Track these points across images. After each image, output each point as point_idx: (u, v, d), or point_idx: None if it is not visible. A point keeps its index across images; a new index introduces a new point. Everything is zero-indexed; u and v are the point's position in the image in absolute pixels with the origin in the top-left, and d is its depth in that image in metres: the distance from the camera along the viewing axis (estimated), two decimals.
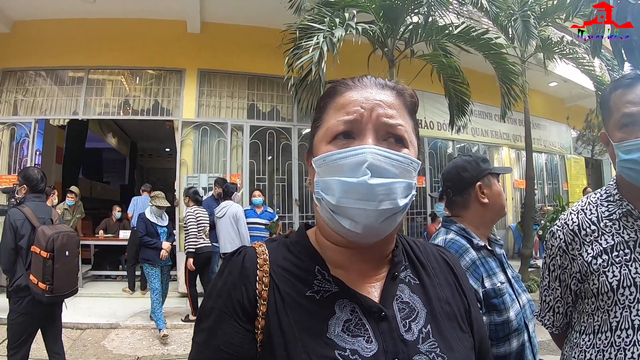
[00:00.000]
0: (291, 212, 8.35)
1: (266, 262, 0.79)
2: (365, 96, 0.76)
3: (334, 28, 5.78)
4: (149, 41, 7.94)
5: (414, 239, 0.96)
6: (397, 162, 0.72)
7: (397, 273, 0.83)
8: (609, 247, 1.30)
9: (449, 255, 0.97)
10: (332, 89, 0.82)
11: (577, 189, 12.94)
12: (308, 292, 0.77)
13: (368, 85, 0.79)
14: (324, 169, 0.75)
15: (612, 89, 1.35)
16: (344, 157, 0.72)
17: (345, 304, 0.76)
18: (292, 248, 0.84)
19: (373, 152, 0.70)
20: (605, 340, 1.27)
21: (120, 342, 5.27)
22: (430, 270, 0.89)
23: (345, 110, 0.76)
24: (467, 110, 7.63)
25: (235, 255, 0.83)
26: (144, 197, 7.99)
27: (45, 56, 7.80)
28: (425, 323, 0.79)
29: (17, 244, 3.28)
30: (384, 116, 0.75)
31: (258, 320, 0.74)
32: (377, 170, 0.70)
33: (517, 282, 1.67)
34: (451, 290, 0.88)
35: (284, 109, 8.56)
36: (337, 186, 0.71)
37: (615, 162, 1.33)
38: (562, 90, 12.47)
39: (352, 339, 0.73)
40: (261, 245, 0.84)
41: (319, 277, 0.79)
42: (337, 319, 0.74)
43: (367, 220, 0.70)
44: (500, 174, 1.81)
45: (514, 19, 8.07)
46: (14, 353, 3.28)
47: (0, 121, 7.65)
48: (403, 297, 0.81)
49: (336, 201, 0.71)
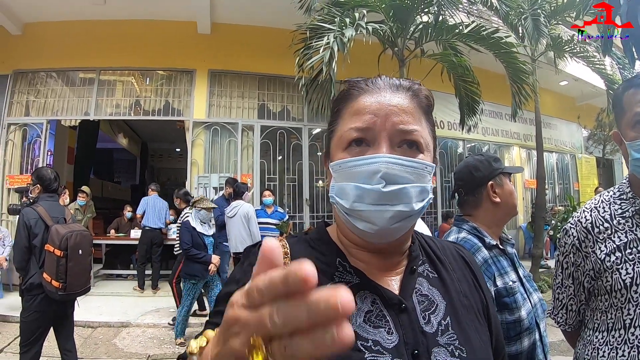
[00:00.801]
0: (302, 212, 8.37)
1: (287, 255, 0.80)
2: (379, 101, 0.76)
3: (344, 28, 5.78)
4: (160, 42, 8.00)
5: (431, 236, 0.97)
6: (411, 168, 0.73)
7: (415, 267, 0.83)
8: (622, 245, 1.30)
9: (465, 252, 0.98)
10: (346, 93, 0.82)
11: (588, 188, 12.84)
12: (329, 283, 0.74)
13: (382, 87, 0.79)
14: (339, 174, 0.76)
15: (624, 87, 1.35)
16: (358, 165, 0.73)
17: (367, 295, 0.77)
18: (312, 244, 0.85)
19: (387, 161, 0.71)
20: (619, 337, 1.27)
21: (132, 341, 5.30)
22: (448, 265, 0.90)
23: (359, 118, 0.76)
24: (478, 110, 7.60)
25: (255, 247, 0.83)
26: (154, 197, 7.96)
27: (56, 57, 7.89)
28: (444, 315, 0.79)
29: (31, 242, 3.31)
30: (398, 123, 0.74)
31: None
32: (391, 179, 0.71)
33: (529, 282, 1.67)
34: (469, 285, 0.89)
35: (294, 109, 8.58)
36: (352, 191, 0.72)
37: (628, 161, 1.33)
38: (573, 89, 12.38)
39: (374, 329, 0.73)
40: (281, 240, 0.84)
41: (340, 269, 0.79)
42: (358, 310, 0.75)
43: (381, 223, 0.71)
44: (512, 174, 1.80)
45: (524, 18, 8.02)
46: (26, 350, 3.31)
47: (12, 122, 7.73)
48: (422, 290, 0.81)
49: (350, 205, 0.73)
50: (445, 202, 9.82)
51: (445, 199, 9.82)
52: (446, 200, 9.83)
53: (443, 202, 9.80)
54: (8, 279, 7.03)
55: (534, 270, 7.96)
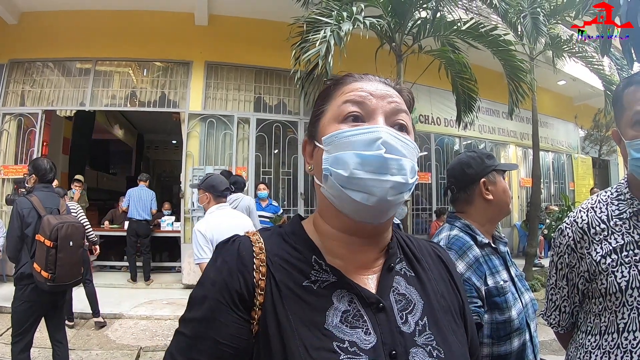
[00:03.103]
0: (296, 206, 8.35)
1: (262, 250, 0.78)
2: (373, 86, 0.80)
3: (342, 22, 5.75)
4: (157, 33, 7.96)
5: (408, 234, 0.96)
6: (405, 144, 0.75)
7: (392, 264, 0.82)
8: (618, 247, 1.27)
9: (442, 252, 0.97)
10: (338, 80, 0.85)
11: (584, 188, 12.87)
12: (305, 282, 0.75)
13: (373, 79, 0.83)
14: (334, 145, 0.75)
15: (625, 85, 1.32)
16: (357, 134, 0.73)
17: (344, 294, 0.75)
18: (287, 238, 0.83)
19: (386, 130, 0.73)
20: (612, 342, 1.25)
21: (124, 332, 5.30)
22: (425, 264, 0.89)
23: (355, 94, 0.78)
24: (475, 107, 7.60)
25: (228, 244, 0.81)
26: (140, 187, 7.80)
27: (52, 47, 7.84)
28: (421, 315, 0.79)
29: (23, 232, 3.31)
30: (392, 103, 0.78)
31: (255, 311, 0.73)
32: (390, 148, 0.72)
33: (521, 281, 1.66)
34: (445, 285, 0.89)
35: (290, 103, 8.55)
36: (352, 158, 0.71)
37: (627, 160, 1.30)
38: (570, 89, 12.36)
39: (351, 330, 0.72)
40: (255, 234, 0.82)
41: (316, 267, 0.78)
42: (335, 310, 0.73)
43: (380, 193, 0.70)
44: (506, 171, 1.78)
45: (523, 16, 8.02)
46: (18, 340, 3.31)
47: (8, 112, 7.70)
48: (399, 289, 0.81)
49: (350, 173, 0.71)
50: (440, 199, 9.81)
51: (440, 196, 9.80)
52: (441, 197, 9.81)
53: (438, 199, 9.80)
54: (2, 269, 7.01)
55: (527, 269, 7.99)
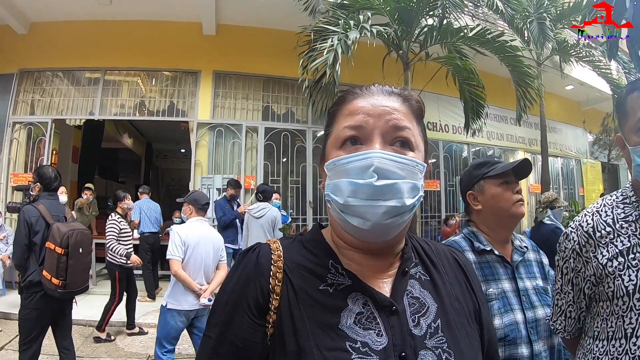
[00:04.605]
0: (305, 214, 8.35)
1: (280, 258, 0.82)
2: (371, 103, 0.80)
3: (349, 30, 5.78)
4: (165, 43, 8.02)
5: (425, 239, 0.98)
6: (402, 164, 0.74)
7: (407, 269, 0.84)
8: (624, 250, 1.25)
9: (459, 255, 0.98)
10: (341, 98, 0.86)
11: (593, 194, 12.74)
12: (322, 285, 0.79)
13: (375, 92, 0.82)
14: (333, 172, 0.78)
15: (629, 91, 1.30)
16: (351, 161, 0.75)
17: (358, 297, 0.78)
18: (306, 244, 0.86)
19: (379, 156, 0.73)
20: (620, 347, 1.22)
21: (132, 340, 5.32)
22: (441, 268, 0.90)
23: (353, 117, 0.79)
24: (483, 114, 7.57)
25: (250, 252, 0.85)
26: (145, 200, 7.60)
27: (62, 57, 7.93)
28: (435, 318, 0.80)
29: (31, 240, 3.33)
30: (390, 120, 0.78)
31: (270, 315, 0.76)
32: (383, 173, 0.72)
33: (539, 295, 1.63)
34: (461, 289, 0.90)
35: (298, 111, 8.57)
36: (345, 187, 0.74)
37: (631, 166, 1.28)
38: (578, 94, 12.28)
39: (364, 331, 0.74)
40: (275, 242, 0.86)
41: (333, 270, 0.81)
42: (349, 312, 0.76)
43: (374, 218, 0.72)
44: (504, 174, 1.71)
45: (530, 21, 8.02)
46: (25, 349, 3.32)
47: (18, 120, 7.78)
48: (413, 293, 0.83)
49: (344, 200, 0.74)
50: (449, 206, 9.77)
51: (449, 203, 9.77)
52: (450, 204, 9.78)
53: (447, 206, 9.76)
54: (10, 277, 7.08)
55: None
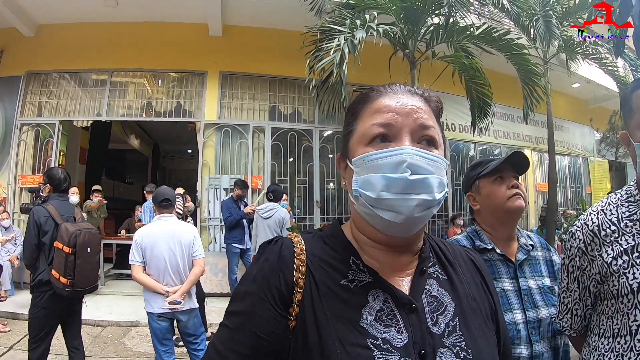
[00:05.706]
0: (312, 214, 8.35)
1: (303, 251, 0.82)
2: (398, 101, 0.81)
3: (355, 30, 5.77)
4: (171, 44, 8.05)
5: (443, 240, 1.00)
6: (431, 160, 0.77)
7: (425, 268, 0.86)
8: (629, 248, 1.25)
9: (475, 256, 1.00)
10: (364, 95, 0.87)
11: (601, 192, 12.63)
12: (343, 281, 0.80)
13: (399, 92, 0.84)
14: (363, 167, 0.79)
15: (634, 87, 1.31)
16: (384, 157, 0.76)
17: (379, 294, 0.79)
18: (327, 240, 0.87)
19: (411, 152, 0.75)
20: (625, 344, 1.23)
21: (140, 340, 5.35)
22: (458, 267, 0.92)
23: (381, 115, 0.80)
24: (489, 112, 7.53)
25: (272, 244, 0.86)
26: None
27: (68, 59, 7.98)
28: (452, 317, 0.81)
29: (40, 240, 3.39)
30: (418, 119, 0.80)
31: (293, 307, 0.77)
32: (416, 169, 0.74)
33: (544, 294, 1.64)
34: (477, 289, 0.91)
35: (305, 111, 8.57)
36: (378, 181, 0.75)
37: (636, 163, 1.29)
38: (585, 92, 12.20)
39: (384, 328, 0.76)
40: (297, 236, 0.88)
41: (354, 267, 0.82)
42: (370, 308, 0.77)
43: (407, 211, 0.74)
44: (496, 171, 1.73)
45: (536, 19, 7.95)
46: (35, 347, 3.37)
47: (25, 122, 7.83)
48: (432, 291, 0.84)
49: (377, 195, 0.75)
50: (456, 205, 9.75)
51: (456, 202, 9.74)
52: (457, 203, 9.75)
53: (454, 206, 9.73)
54: (19, 277, 7.14)
55: None
